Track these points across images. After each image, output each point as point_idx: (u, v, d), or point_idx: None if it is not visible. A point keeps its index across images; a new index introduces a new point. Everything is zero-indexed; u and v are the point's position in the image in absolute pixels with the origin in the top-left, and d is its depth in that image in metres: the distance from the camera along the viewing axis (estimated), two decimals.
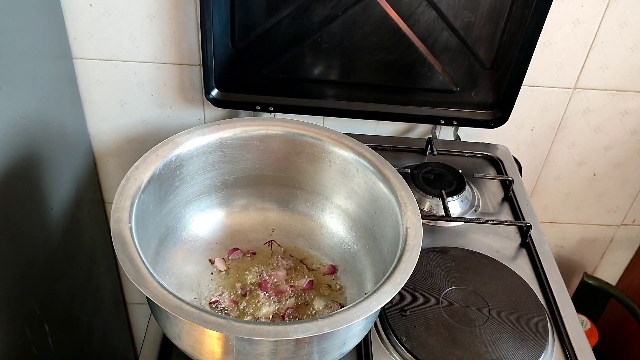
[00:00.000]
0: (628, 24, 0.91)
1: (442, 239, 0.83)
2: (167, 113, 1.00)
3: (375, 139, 0.99)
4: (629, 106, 1.01)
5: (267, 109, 0.91)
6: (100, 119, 1.01)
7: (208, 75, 0.87)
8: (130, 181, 0.64)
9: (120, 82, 0.95)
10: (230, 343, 0.55)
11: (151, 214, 0.68)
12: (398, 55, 0.87)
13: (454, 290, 0.74)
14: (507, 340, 0.68)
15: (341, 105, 0.93)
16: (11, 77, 0.72)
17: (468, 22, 0.84)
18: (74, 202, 0.96)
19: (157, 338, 0.68)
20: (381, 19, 0.84)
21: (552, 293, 0.77)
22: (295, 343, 0.55)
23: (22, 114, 0.76)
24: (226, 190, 0.79)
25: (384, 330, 0.70)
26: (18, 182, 0.77)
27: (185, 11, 0.88)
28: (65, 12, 0.87)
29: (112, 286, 1.21)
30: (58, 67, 0.89)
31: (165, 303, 0.52)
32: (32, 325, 0.82)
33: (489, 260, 0.80)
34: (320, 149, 0.76)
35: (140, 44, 0.91)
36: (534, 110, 1.01)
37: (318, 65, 0.89)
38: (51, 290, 0.90)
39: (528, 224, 0.84)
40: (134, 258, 0.56)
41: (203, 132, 0.73)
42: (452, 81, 0.91)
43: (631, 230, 1.23)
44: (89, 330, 1.08)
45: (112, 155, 1.06)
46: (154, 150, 0.69)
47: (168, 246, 0.73)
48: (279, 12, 0.83)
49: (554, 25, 0.91)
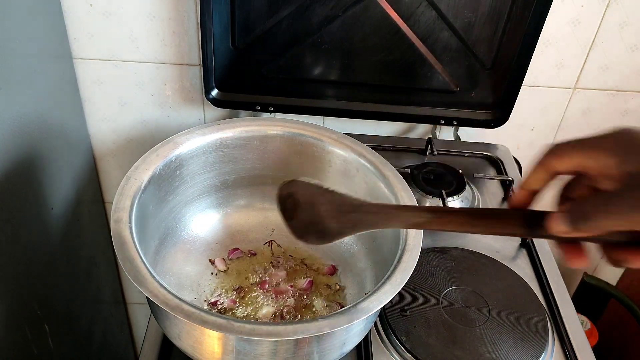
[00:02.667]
0: (628, 24, 0.91)
1: (442, 239, 0.83)
2: (167, 113, 1.00)
3: (375, 139, 0.99)
4: (629, 106, 1.01)
5: (267, 109, 0.91)
6: (100, 119, 1.00)
7: (208, 75, 0.87)
8: (130, 181, 0.64)
9: (120, 82, 0.95)
10: (230, 343, 0.55)
11: (151, 214, 0.68)
12: (398, 55, 0.87)
13: (454, 290, 0.74)
14: (507, 340, 0.68)
15: (341, 105, 0.93)
16: (11, 77, 0.72)
17: (468, 22, 0.84)
18: (74, 202, 0.96)
19: (157, 338, 0.68)
20: (381, 19, 0.84)
21: (552, 293, 0.77)
22: (295, 343, 0.55)
23: (22, 114, 0.76)
24: (226, 190, 0.79)
25: (384, 330, 0.70)
26: (18, 182, 0.77)
27: (185, 11, 0.88)
28: (65, 12, 0.87)
29: (112, 286, 1.21)
30: (58, 67, 0.89)
31: (165, 303, 0.52)
32: (32, 325, 0.82)
33: (489, 260, 0.80)
34: (320, 149, 0.76)
35: (140, 44, 0.91)
36: (534, 110, 1.01)
37: (318, 65, 0.89)
38: (51, 290, 0.90)
39: None
40: (134, 258, 0.56)
41: (203, 132, 0.73)
42: (452, 81, 0.91)
43: None
44: (89, 330, 1.08)
45: (112, 155, 1.06)
46: (154, 150, 0.69)
47: (168, 246, 0.73)
48: (279, 12, 0.83)
49: (554, 25, 0.91)
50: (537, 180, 0.42)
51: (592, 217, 0.37)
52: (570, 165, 0.39)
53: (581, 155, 0.39)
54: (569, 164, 0.39)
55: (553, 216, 0.39)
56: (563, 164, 0.40)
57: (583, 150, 0.39)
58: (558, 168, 0.40)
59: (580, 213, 0.38)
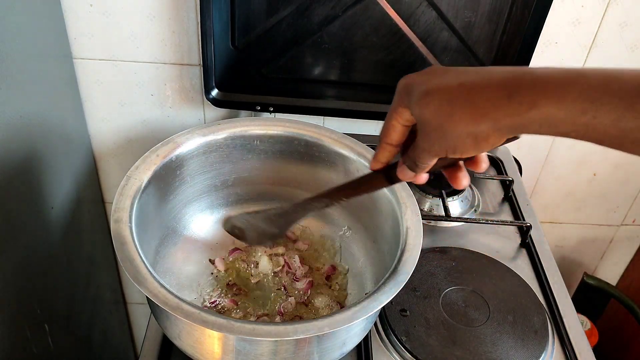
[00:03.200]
0: (628, 24, 0.91)
1: (442, 239, 0.83)
2: (167, 113, 1.00)
3: (375, 139, 0.98)
4: None
5: (267, 109, 0.91)
6: (100, 119, 1.00)
7: (208, 75, 0.87)
8: (130, 181, 0.64)
9: (120, 82, 0.95)
10: (230, 343, 0.55)
11: (151, 214, 0.68)
12: (398, 55, 0.87)
13: (454, 290, 0.74)
14: (507, 340, 0.68)
15: (341, 105, 0.93)
16: (11, 77, 0.72)
17: (468, 22, 0.84)
18: (74, 202, 0.96)
19: (157, 338, 0.68)
20: (381, 19, 0.84)
21: (552, 293, 0.77)
22: (295, 343, 0.55)
23: (22, 114, 0.76)
24: (226, 190, 0.79)
25: (384, 330, 0.70)
26: (18, 182, 0.77)
27: (185, 11, 0.88)
28: (65, 12, 0.87)
29: (112, 286, 1.21)
30: (58, 67, 0.89)
31: (165, 303, 0.52)
32: (32, 325, 0.82)
33: (489, 260, 0.80)
34: (320, 149, 0.76)
35: (140, 44, 0.91)
36: None
37: (318, 65, 0.89)
38: (51, 290, 0.90)
39: (528, 224, 0.84)
40: (134, 258, 0.56)
41: (203, 132, 0.73)
42: None
43: (631, 230, 1.23)
44: (89, 330, 1.08)
45: (112, 155, 1.06)
46: (155, 150, 0.69)
47: (168, 246, 0.73)
48: (279, 12, 0.83)
49: (554, 25, 0.91)
50: (385, 152, 0.51)
51: (417, 159, 0.47)
52: (399, 133, 0.49)
53: (397, 119, 0.48)
54: (396, 133, 0.49)
55: (398, 168, 0.50)
56: (395, 135, 0.49)
57: (395, 117, 0.48)
58: (394, 139, 0.49)
59: (410, 160, 0.48)
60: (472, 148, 0.43)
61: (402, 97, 0.46)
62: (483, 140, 0.42)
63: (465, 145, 0.43)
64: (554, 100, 0.38)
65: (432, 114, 0.43)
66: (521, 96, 0.39)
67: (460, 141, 0.43)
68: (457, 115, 0.42)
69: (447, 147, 0.44)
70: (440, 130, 0.43)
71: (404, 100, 0.46)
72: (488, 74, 0.42)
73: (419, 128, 0.45)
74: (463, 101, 0.42)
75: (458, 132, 0.42)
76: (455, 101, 0.42)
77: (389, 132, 0.49)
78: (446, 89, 0.43)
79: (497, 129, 0.41)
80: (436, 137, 0.44)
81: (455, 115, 0.42)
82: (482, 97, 0.41)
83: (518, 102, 0.40)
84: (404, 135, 0.49)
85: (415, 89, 0.45)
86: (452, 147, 0.44)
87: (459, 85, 0.42)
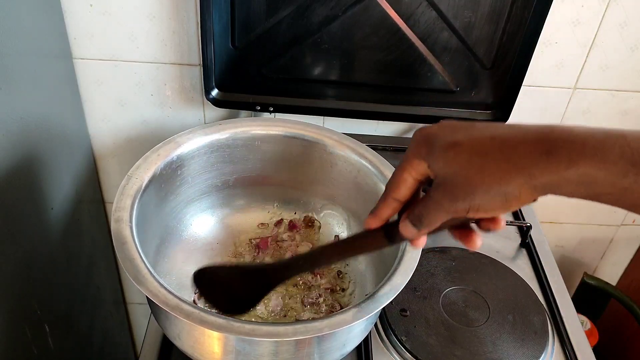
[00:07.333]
0: (628, 24, 0.91)
1: (442, 239, 0.83)
2: (167, 113, 1.00)
3: (375, 139, 0.99)
4: (629, 106, 1.01)
5: (267, 109, 0.91)
6: (100, 119, 1.00)
7: (208, 75, 0.87)
8: (131, 181, 0.64)
9: (120, 82, 0.95)
10: (230, 343, 0.55)
11: (152, 214, 0.68)
12: (398, 55, 0.87)
13: (454, 290, 0.74)
14: (507, 340, 0.69)
15: (341, 105, 0.93)
16: (11, 77, 0.72)
17: (468, 22, 0.84)
18: (74, 202, 0.96)
19: (157, 338, 0.68)
20: (381, 19, 0.84)
21: (552, 293, 0.77)
22: (296, 344, 0.55)
23: (22, 114, 0.76)
24: (227, 190, 0.79)
25: (384, 330, 0.70)
26: (18, 182, 0.77)
27: (185, 11, 0.88)
28: (65, 12, 0.87)
29: (112, 286, 1.21)
30: (58, 67, 0.89)
31: (165, 303, 0.52)
32: (32, 325, 0.82)
33: (489, 260, 0.80)
34: (320, 150, 0.76)
35: (140, 44, 0.91)
36: (534, 110, 1.01)
37: (318, 65, 0.89)
38: (51, 290, 0.89)
39: (528, 224, 0.84)
40: (134, 258, 0.56)
41: (204, 132, 0.73)
42: (452, 81, 0.91)
43: (631, 230, 1.23)
44: (89, 330, 1.08)
45: (112, 155, 1.06)
46: (155, 150, 0.69)
47: (169, 246, 0.73)
48: (279, 12, 0.83)
49: (554, 25, 0.91)
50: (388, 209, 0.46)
51: (426, 217, 0.42)
52: (409, 188, 0.44)
53: (410, 172, 0.43)
54: (406, 188, 0.44)
55: (401, 225, 0.45)
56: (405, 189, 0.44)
57: (408, 169, 0.43)
58: (402, 195, 0.45)
59: (415, 217, 0.43)
60: (499, 207, 0.40)
61: (419, 148, 0.42)
62: (514, 198, 0.39)
63: (492, 204, 0.39)
64: (595, 160, 0.36)
65: (460, 167, 0.40)
66: (560, 154, 0.37)
67: (488, 199, 0.39)
68: (490, 170, 0.38)
69: (471, 205, 0.40)
70: (466, 186, 0.39)
71: (422, 152, 0.42)
72: (522, 129, 0.39)
73: (438, 183, 0.41)
74: (497, 154, 0.39)
75: (487, 188, 0.39)
76: (488, 155, 0.39)
77: (398, 186, 0.44)
78: (478, 141, 0.40)
79: (530, 187, 0.38)
80: (460, 193, 0.40)
81: (487, 170, 0.39)
82: (518, 151, 0.38)
83: (557, 159, 0.37)
84: (414, 191, 0.45)
85: (439, 141, 0.41)
86: (476, 205, 0.40)
87: (491, 138, 0.39)
